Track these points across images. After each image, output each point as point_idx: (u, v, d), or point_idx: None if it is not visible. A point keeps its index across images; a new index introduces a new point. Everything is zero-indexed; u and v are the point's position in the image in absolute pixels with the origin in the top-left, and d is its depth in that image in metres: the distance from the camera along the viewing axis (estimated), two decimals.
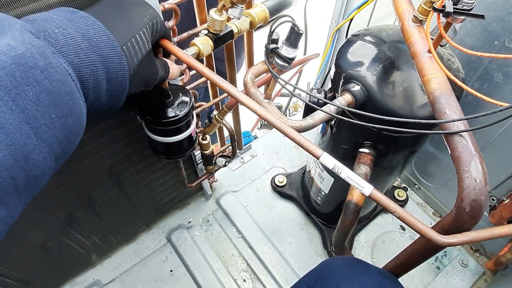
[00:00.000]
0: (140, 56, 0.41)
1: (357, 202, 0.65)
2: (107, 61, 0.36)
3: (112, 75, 0.37)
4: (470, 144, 0.42)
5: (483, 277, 1.03)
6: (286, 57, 0.51)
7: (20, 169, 0.27)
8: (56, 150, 0.31)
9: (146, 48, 0.43)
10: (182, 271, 1.00)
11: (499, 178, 0.88)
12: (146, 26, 0.43)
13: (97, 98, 0.37)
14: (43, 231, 0.73)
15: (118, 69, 0.37)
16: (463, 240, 0.40)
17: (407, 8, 0.55)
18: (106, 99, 0.38)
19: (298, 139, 0.45)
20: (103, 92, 0.37)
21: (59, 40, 0.32)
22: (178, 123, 0.60)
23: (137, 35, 0.41)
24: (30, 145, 0.28)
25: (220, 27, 0.54)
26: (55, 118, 0.30)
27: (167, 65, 0.51)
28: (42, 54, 0.30)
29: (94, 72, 0.35)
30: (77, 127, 0.34)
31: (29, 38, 0.30)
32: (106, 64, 0.36)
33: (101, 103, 0.38)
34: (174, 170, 0.90)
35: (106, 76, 0.36)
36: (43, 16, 0.33)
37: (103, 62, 0.35)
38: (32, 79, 0.28)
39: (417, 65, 0.50)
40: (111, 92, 0.38)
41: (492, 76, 0.77)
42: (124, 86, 0.39)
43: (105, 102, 0.38)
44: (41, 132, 0.29)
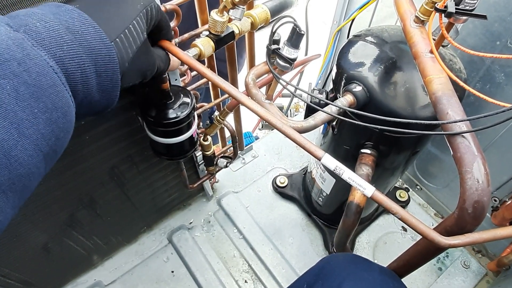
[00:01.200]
0: (134, 47, 0.40)
1: (359, 203, 0.65)
2: (94, 53, 0.34)
3: (101, 68, 0.35)
4: (472, 145, 0.42)
5: (485, 278, 1.03)
6: (288, 58, 0.51)
7: (1, 166, 0.26)
8: (43, 147, 0.30)
9: (141, 38, 0.41)
10: (183, 272, 1.00)
11: (502, 179, 0.88)
12: (140, 15, 0.41)
13: (87, 94, 0.35)
14: (44, 232, 0.73)
15: (107, 61, 0.36)
16: (466, 241, 0.40)
17: (409, 9, 0.55)
18: (98, 94, 0.37)
19: (299, 140, 0.45)
20: (94, 87, 0.35)
21: (41, 33, 0.31)
22: (180, 124, 0.60)
23: (131, 26, 0.39)
24: (10, 140, 0.27)
25: (222, 28, 0.54)
26: (37, 113, 0.29)
27: (166, 55, 0.50)
28: (19, 46, 0.28)
29: (80, 65, 0.33)
30: (65, 123, 0.32)
31: (5, 31, 0.29)
32: (93, 56, 0.34)
33: (92, 99, 0.36)
34: (175, 171, 0.89)
35: (95, 70, 0.35)
36: (26, 11, 0.33)
37: (90, 55, 0.34)
38: (9, 71, 0.27)
39: (419, 66, 0.50)
40: (102, 86, 0.37)
41: (494, 76, 0.77)
42: (115, 80, 0.38)
43: (97, 98, 0.37)
44: (23, 127, 0.28)
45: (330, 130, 0.79)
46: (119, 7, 0.40)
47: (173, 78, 0.65)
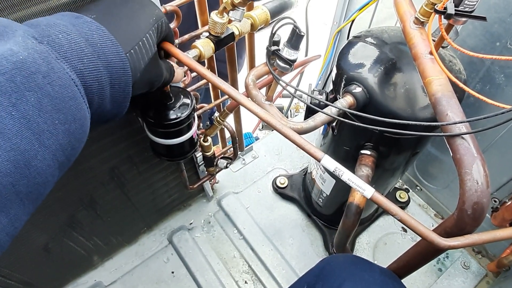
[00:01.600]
0: (146, 59, 0.41)
1: (359, 204, 0.65)
2: (110, 66, 0.36)
3: (115, 81, 0.37)
4: (471, 146, 0.42)
5: (485, 279, 1.03)
6: (288, 59, 0.51)
7: (21, 175, 0.27)
8: (60, 157, 0.31)
9: (152, 51, 0.42)
10: (184, 273, 1.00)
11: (501, 180, 0.88)
12: (152, 29, 0.42)
13: (101, 104, 0.36)
14: (45, 232, 0.74)
15: (121, 74, 0.37)
16: (465, 243, 0.40)
17: (409, 10, 0.55)
18: (109, 105, 0.38)
19: (299, 142, 0.45)
20: (107, 98, 0.37)
21: (63, 46, 0.32)
22: (180, 125, 0.60)
23: (144, 38, 0.41)
24: (31, 151, 0.27)
25: (222, 29, 0.54)
26: (58, 124, 0.30)
27: (172, 67, 0.51)
28: (44, 60, 0.30)
29: (98, 78, 0.34)
30: (81, 133, 0.33)
31: (32, 43, 0.30)
32: (109, 69, 0.36)
33: (105, 108, 0.37)
34: (175, 171, 0.90)
35: (110, 82, 0.36)
36: (47, 21, 0.33)
37: (107, 67, 0.35)
38: (34, 84, 0.28)
39: (418, 67, 0.50)
40: (114, 98, 0.38)
41: (494, 77, 0.77)
42: (127, 92, 0.39)
43: (108, 108, 0.38)
44: (44, 138, 0.29)
45: (330, 131, 0.79)
46: (134, 20, 0.41)
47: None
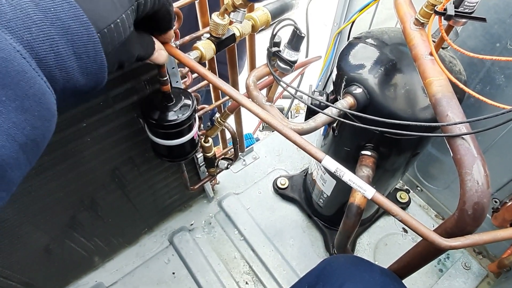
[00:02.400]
0: (117, 43, 0.38)
1: (359, 204, 0.65)
2: (69, 33, 0.31)
3: (80, 49, 0.33)
4: (472, 146, 0.42)
5: (486, 280, 1.03)
6: (288, 60, 0.52)
7: None
8: (17, 137, 0.28)
9: (127, 33, 0.39)
10: (184, 274, 1.00)
11: (502, 180, 0.88)
12: (131, 8, 0.39)
13: (69, 78, 0.33)
14: (46, 233, 0.74)
15: (86, 41, 0.33)
16: (466, 243, 0.40)
17: (409, 11, 0.55)
18: (82, 78, 0.34)
19: (300, 142, 0.45)
20: (75, 70, 0.33)
21: (6, 14, 0.28)
22: (181, 126, 0.61)
23: (119, 20, 0.37)
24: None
25: (223, 31, 0.54)
26: (6, 101, 0.27)
27: (151, 44, 0.47)
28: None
29: (53, 48, 0.30)
30: (40, 111, 0.30)
31: None
32: (69, 37, 0.31)
33: (77, 82, 0.34)
34: (176, 172, 0.90)
35: (73, 51, 0.32)
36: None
37: (65, 35, 0.31)
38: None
39: (418, 68, 0.50)
40: (86, 69, 0.34)
41: (494, 78, 0.77)
42: (100, 61, 0.35)
43: (82, 82, 0.34)
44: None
45: (330, 132, 0.80)
46: None
47: (174, 80, 0.66)
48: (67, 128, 0.58)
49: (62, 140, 0.59)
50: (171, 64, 0.63)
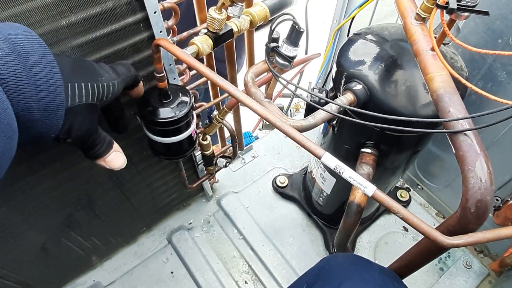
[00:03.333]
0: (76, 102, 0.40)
1: (360, 202, 0.64)
2: (33, 65, 0.34)
3: (42, 82, 0.35)
4: (475, 143, 0.41)
5: (487, 279, 1.02)
6: (287, 56, 0.51)
7: None
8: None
9: (88, 101, 0.42)
10: (183, 273, 0.99)
11: (503, 178, 0.87)
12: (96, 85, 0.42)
13: (25, 107, 0.34)
14: (42, 232, 0.73)
15: (49, 76, 0.35)
16: (469, 241, 0.39)
17: (410, 6, 0.54)
18: (38, 111, 0.35)
19: (299, 139, 0.44)
20: (32, 99, 0.34)
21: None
22: (178, 123, 0.60)
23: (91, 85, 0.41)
24: None
25: (220, 25, 0.53)
26: None
27: (105, 144, 0.48)
28: None
29: (15, 72, 0.32)
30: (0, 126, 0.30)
31: None
32: (32, 69, 0.34)
33: (31, 115, 0.35)
34: (174, 171, 0.89)
35: (34, 82, 0.34)
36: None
37: (28, 66, 0.34)
38: None
39: (420, 63, 0.49)
40: (43, 103, 0.35)
41: (496, 75, 0.76)
42: (59, 98, 0.37)
43: (37, 117, 0.35)
44: None
45: (330, 129, 0.79)
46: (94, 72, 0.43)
47: (172, 77, 0.65)
48: None
49: None
50: (168, 60, 0.62)
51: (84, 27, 0.48)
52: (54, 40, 0.47)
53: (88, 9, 0.47)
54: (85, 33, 0.49)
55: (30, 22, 0.43)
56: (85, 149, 0.46)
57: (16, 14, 0.42)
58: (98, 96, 0.43)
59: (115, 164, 0.50)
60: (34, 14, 0.43)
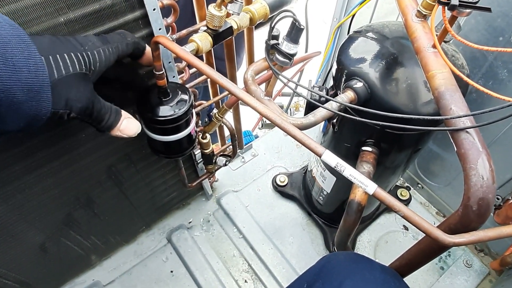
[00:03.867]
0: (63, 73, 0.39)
1: (360, 201, 0.64)
2: (6, 46, 0.33)
3: (19, 61, 0.33)
4: (477, 140, 0.40)
5: (488, 278, 1.02)
6: (287, 53, 0.50)
7: None
8: None
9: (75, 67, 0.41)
10: (183, 272, 0.99)
11: (504, 177, 0.87)
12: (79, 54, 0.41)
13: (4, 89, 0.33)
14: (41, 231, 0.72)
15: (25, 54, 0.34)
16: (470, 239, 0.39)
17: (410, 3, 0.54)
18: (21, 93, 0.34)
19: (299, 137, 0.44)
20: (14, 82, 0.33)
21: None
22: (177, 122, 0.59)
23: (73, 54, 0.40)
24: None
25: (219, 23, 0.53)
26: None
27: (117, 112, 0.47)
28: None
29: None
30: None
31: None
32: (6, 49, 0.32)
33: (14, 97, 0.33)
34: (174, 169, 0.88)
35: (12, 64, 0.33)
36: None
37: (1, 48, 0.32)
38: None
39: (421, 61, 0.49)
40: (25, 83, 0.34)
41: (497, 73, 0.76)
42: (42, 77, 0.35)
43: (22, 99, 0.34)
44: None
45: (330, 128, 0.78)
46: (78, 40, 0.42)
47: (171, 75, 0.65)
48: (61, 125, 0.57)
49: (56, 136, 0.58)
50: (168, 58, 0.61)
51: (83, 24, 0.48)
52: None
53: (87, 6, 0.47)
54: (83, 30, 0.49)
55: (28, 18, 0.43)
56: (96, 122, 0.46)
57: (14, 11, 0.41)
58: (86, 65, 0.42)
59: (131, 131, 0.49)
60: (32, 10, 0.43)
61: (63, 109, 0.40)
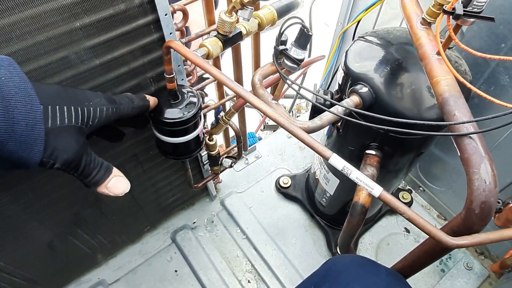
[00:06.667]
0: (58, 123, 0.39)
1: (364, 203, 0.65)
2: (11, 98, 0.34)
3: (19, 115, 0.34)
4: (479, 146, 0.42)
5: (488, 280, 1.03)
6: (295, 59, 0.52)
7: None
8: None
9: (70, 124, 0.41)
10: (187, 272, 1.00)
11: (505, 181, 0.88)
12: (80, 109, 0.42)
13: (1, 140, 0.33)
14: (50, 230, 0.74)
15: (28, 108, 0.35)
16: (473, 241, 0.40)
17: (415, 11, 0.55)
18: (13, 144, 0.34)
19: (307, 140, 0.45)
20: (10, 133, 0.34)
21: None
22: (186, 124, 0.61)
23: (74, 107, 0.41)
24: None
25: (230, 28, 0.54)
26: None
27: (102, 168, 0.47)
28: None
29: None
30: None
31: None
32: (9, 101, 0.33)
33: (5, 147, 0.34)
34: (179, 171, 0.90)
35: (12, 116, 0.34)
36: None
37: (5, 98, 0.33)
38: None
39: (425, 67, 0.50)
40: (20, 136, 0.35)
41: (499, 79, 0.77)
42: (37, 132, 0.36)
43: (12, 149, 0.34)
44: None
45: (334, 132, 0.80)
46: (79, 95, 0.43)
47: (180, 78, 0.66)
48: None
49: None
50: (177, 61, 0.63)
51: (97, 29, 0.49)
52: (68, 41, 0.48)
53: (102, 11, 0.48)
54: (97, 35, 0.50)
55: (46, 23, 0.44)
56: (82, 176, 0.44)
57: (32, 16, 0.43)
58: (83, 119, 0.42)
59: (118, 190, 0.47)
60: (49, 16, 0.44)
61: (46, 158, 0.39)
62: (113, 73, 0.56)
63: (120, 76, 0.58)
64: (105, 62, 0.54)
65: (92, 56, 0.52)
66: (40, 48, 0.46)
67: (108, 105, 0.46)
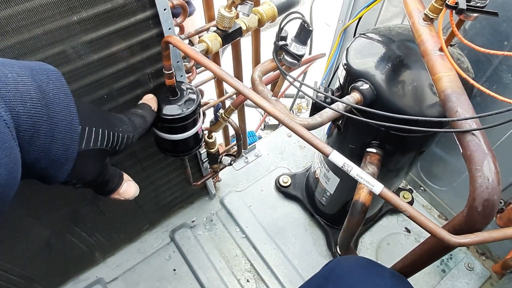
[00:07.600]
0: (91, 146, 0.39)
1: (364, 202, 0.65)
2: (54, 117, 0.34)
3: (59, 133, 0.34)
4: (482, 142, 0.41)
5: (489, 281, 1.02)
6: (296, 54, 0.51)
7: None
8: None
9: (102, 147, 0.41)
10: (185, 270, 1.00)
11: (507, 180, 0.87)
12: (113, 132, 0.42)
13: (36, 158, 0.33)
14: (47, 227, 0.73)
15: (68, 127, 0.35)
16: (476, 240, 0.39)
17: (417, 7, 0.55)
18: (46, 161, 0.34)
19: (307, 137, 0.44)
20: (45, 152, 0.34)
21: (7, 85, 0.30)
22: (185, 121, 0.60)
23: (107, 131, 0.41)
24: None
25: (229, 23, 0.53)
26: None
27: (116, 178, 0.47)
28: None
29: (36, 127, 0.32)
30: (8, 180, 0.30)
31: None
32: (53, 120, 0.33)
33: (40, 164, 0.34)
34: (178, 168, 0.89)
35: (52, 135, 0.34)
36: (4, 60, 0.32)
37: (50, 117, 0.33)
38: None
39: (427, 64, 0.50)
40: (54, 155, 0.35)
41: (502, 77, 0.76)
42: (71, 152, 0.36)
43: (44, 165, 0.35)
44: None
45: (334, 130, 0.79)
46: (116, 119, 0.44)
47: (179, 74, 0.65)
48: None
49: None
50: (176, 58, 0.62)
51: (95, 23, 0.49)
52: (65, 36, 0.47)
53: (99, 5, 0.48)
54: (95, 29, 0.49)
55: (42, 17, 0.44)
56: (98, 189, 0.46)
57: (29, 9, 0.42)
58: (112, 144, 0.43)
59: (129, 195, 0.50)
60: (46, 9, 0.43)
61: (70, 178, 0.39)
62: (111, 68, 0.56)
63: (118, 71, 0.57)
64: (103, 57, 0.53)
65: (90, 51, 0.51)
66: (36, 42, 0.45)
67: (133, 131, 0.47)
